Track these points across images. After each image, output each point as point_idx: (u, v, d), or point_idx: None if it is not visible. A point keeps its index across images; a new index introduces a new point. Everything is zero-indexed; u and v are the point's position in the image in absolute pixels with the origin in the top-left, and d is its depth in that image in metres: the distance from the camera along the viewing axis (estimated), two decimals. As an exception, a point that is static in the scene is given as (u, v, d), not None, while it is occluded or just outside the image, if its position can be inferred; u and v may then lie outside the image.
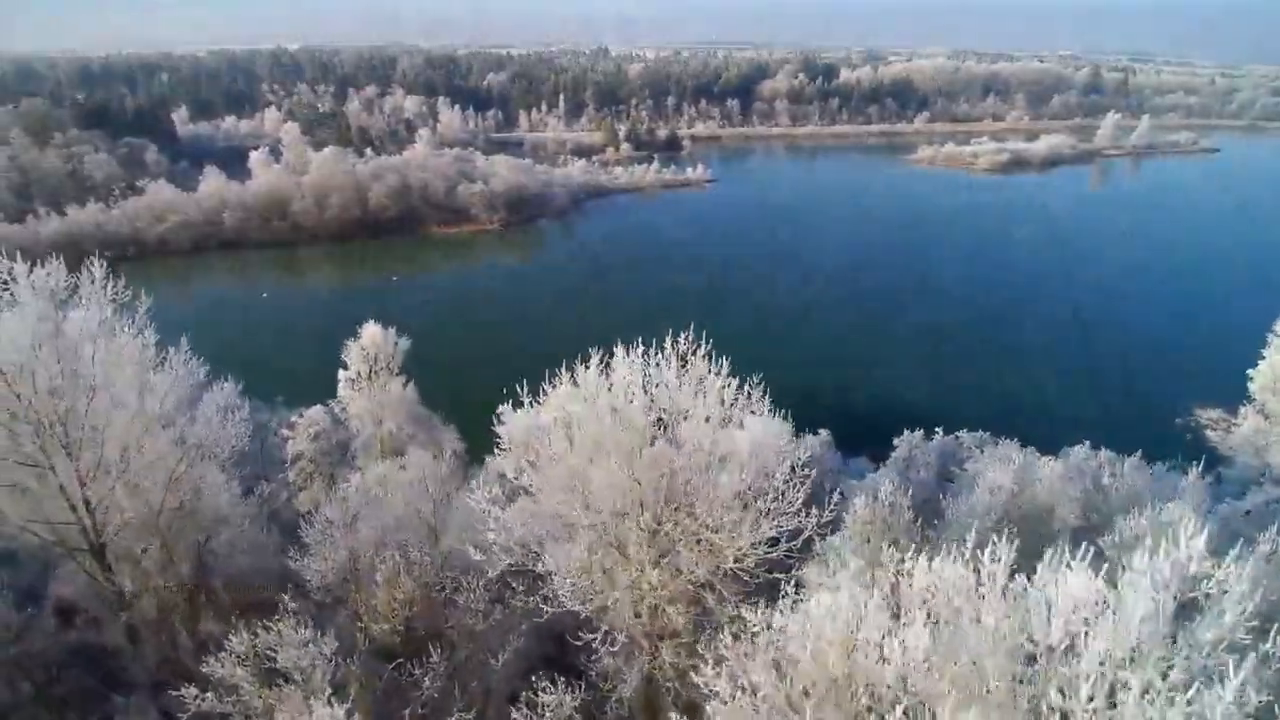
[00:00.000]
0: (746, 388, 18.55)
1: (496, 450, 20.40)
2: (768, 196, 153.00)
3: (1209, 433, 63.08)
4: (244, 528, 29.11)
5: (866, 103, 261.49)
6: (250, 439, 29.61)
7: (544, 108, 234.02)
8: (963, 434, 47.64)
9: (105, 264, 24.31)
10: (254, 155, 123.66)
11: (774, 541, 17.30)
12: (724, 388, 17.59)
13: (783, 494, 17.16)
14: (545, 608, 18.27)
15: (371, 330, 39.43)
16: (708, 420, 17.09)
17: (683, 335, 18.17)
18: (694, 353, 17.96)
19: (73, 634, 25.64)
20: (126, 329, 25.11)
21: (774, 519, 17.13)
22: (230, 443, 27.91)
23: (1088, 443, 45.85)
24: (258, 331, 79.53)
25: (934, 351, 76.38)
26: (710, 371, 17.93)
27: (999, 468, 28.63)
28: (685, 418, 17.48)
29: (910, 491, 23.55)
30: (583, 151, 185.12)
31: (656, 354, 18.32)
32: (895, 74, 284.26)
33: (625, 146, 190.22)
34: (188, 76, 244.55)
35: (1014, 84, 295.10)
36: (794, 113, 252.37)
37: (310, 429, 38.76)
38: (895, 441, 36.14)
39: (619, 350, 18.05)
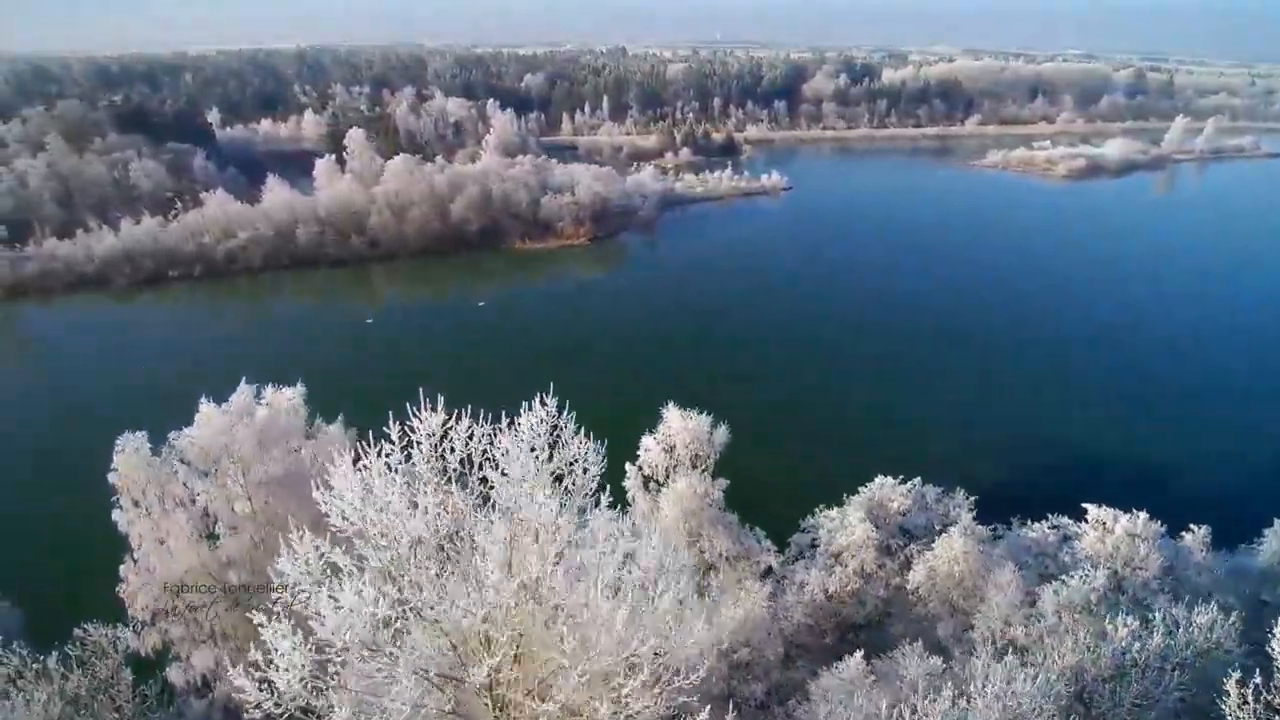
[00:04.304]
0: None
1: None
2: (853, 206, 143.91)
3: None
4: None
5: (915, 104, 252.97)
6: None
7: (587, 110, 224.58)
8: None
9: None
10: (319, 164, 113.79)
11: None
12: None
13: None
14: None
15: (676, 417, 30.15)
16: None
17: None
18: None
19: None
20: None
21: None
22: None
23: None
24: (394, 368, 70.08)
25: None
26: None
27: None
28: None
29: None
30: (639, 156, 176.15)
31: None
32: (941, 75, 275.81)
33: (684, 151, 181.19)
34: (213, 77, 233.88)
35: (1059, 85, 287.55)
36: (843, 114, 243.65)
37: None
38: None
39: None
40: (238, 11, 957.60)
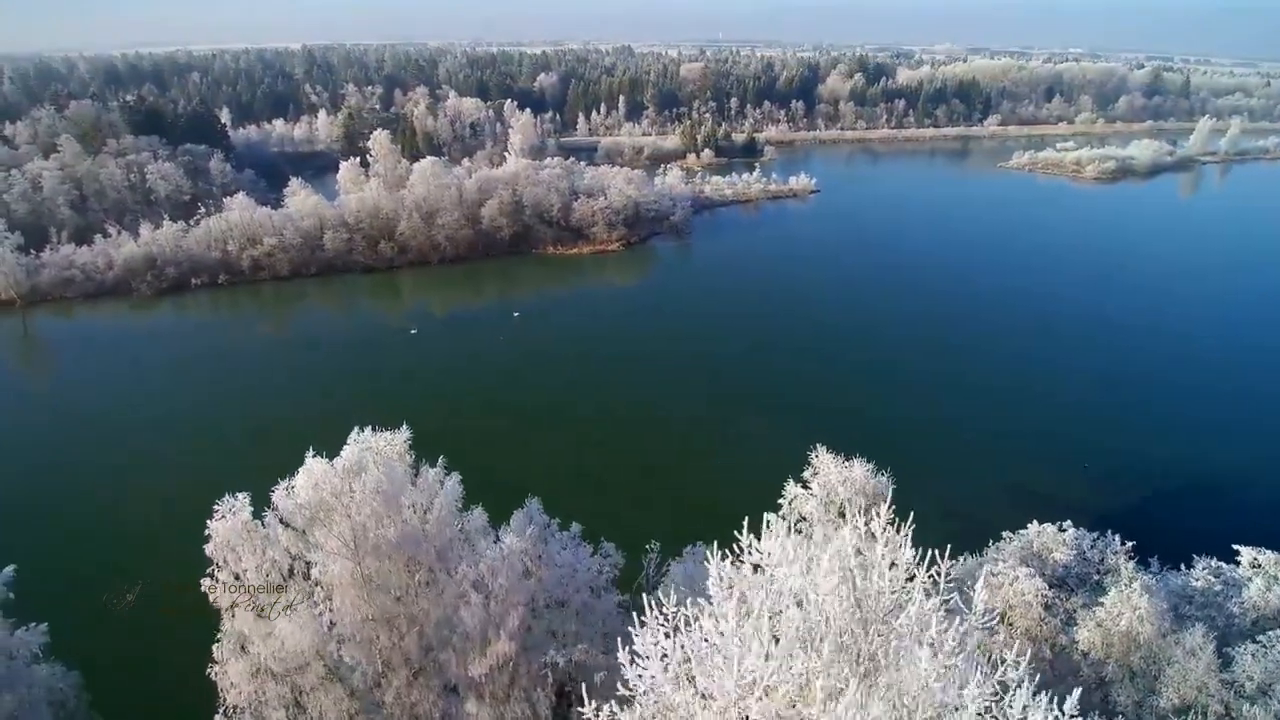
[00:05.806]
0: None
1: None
2: (885, 209, 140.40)
3: None
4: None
5: (932, 104, 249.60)
6: None
7: (603, 110, 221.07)
8: None
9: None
10: (344, 167, 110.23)
11: None
12: None
13: None
14: None
15: (828, 462, 26.72)
16: None
17: None
18: None
19: None
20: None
21: None
22: None
23: None
24: (459, 387, 66.51)
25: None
26: None
27: None
28: None
29: None
30: (660, 157, 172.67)
31: None
32: (958, 74, 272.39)
33: (706, 152, 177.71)
34: (221, 77, 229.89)
35: (1076, 85, 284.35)
36: (861, 115, 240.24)
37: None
38: None
39: None
40: (233, 14, 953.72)
